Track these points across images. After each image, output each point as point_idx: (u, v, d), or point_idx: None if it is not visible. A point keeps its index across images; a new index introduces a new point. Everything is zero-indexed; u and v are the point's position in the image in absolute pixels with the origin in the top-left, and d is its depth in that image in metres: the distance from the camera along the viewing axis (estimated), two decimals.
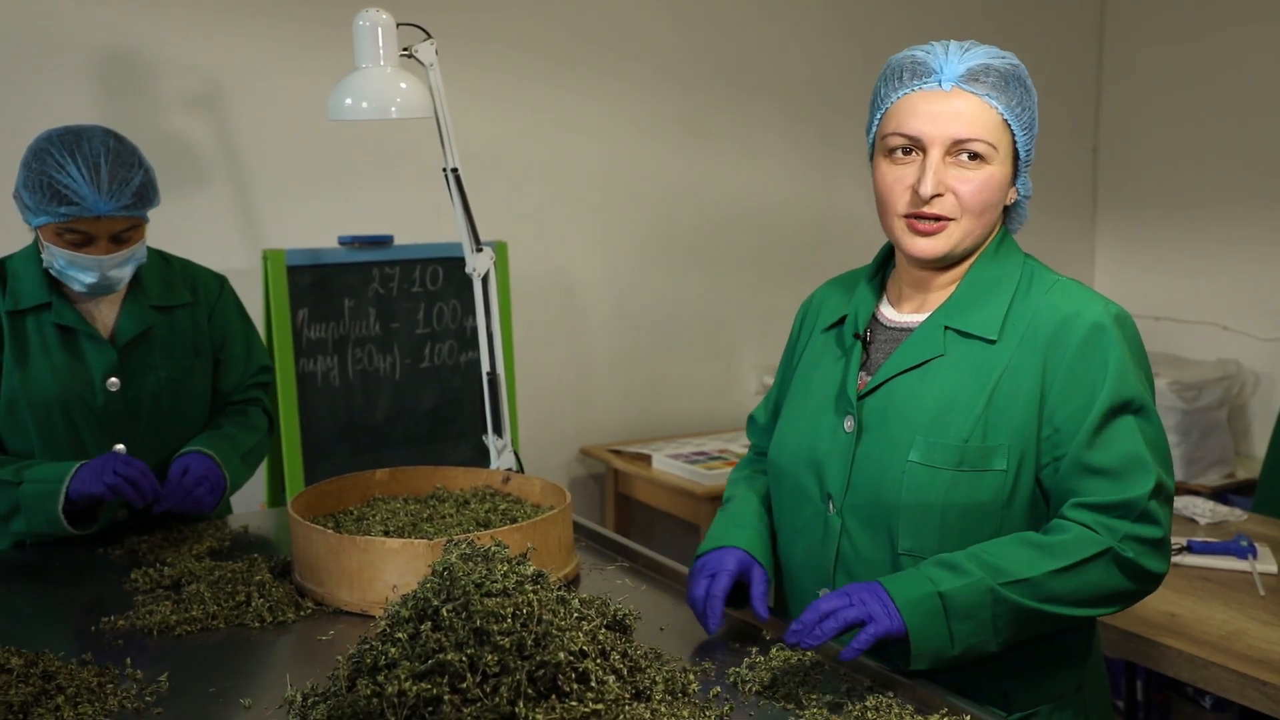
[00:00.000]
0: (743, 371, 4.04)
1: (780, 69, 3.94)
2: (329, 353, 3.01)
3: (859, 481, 1.50)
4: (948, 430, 1.44)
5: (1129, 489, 1.39)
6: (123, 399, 2.12)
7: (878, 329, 1.58)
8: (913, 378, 1.49)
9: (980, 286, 1.50)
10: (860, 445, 1.50)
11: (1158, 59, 4.39)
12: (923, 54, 1.48)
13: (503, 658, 1.20)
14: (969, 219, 1.46)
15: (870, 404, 1.51)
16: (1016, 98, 1.45)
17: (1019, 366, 1.44)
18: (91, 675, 1.46)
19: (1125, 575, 1.40)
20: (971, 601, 1.36)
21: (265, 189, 3.20)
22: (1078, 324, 1.43)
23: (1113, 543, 1.38)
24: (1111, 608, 1.44)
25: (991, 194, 1.46)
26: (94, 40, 2.96)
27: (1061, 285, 1.50)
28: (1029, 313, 1.47)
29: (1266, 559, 2.30)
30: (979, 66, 1.45)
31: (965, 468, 1.43)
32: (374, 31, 2.20)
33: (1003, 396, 1.44)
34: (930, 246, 1.48)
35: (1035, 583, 1.37)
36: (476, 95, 3.40)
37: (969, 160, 1.44)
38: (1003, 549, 1.40)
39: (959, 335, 1.49)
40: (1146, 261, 4.41)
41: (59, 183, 1.95)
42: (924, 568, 1.40)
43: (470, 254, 2.32)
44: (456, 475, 2.10)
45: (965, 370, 1.46)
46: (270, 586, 1.75)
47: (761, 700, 1.40)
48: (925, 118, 1.44)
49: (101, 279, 2.03)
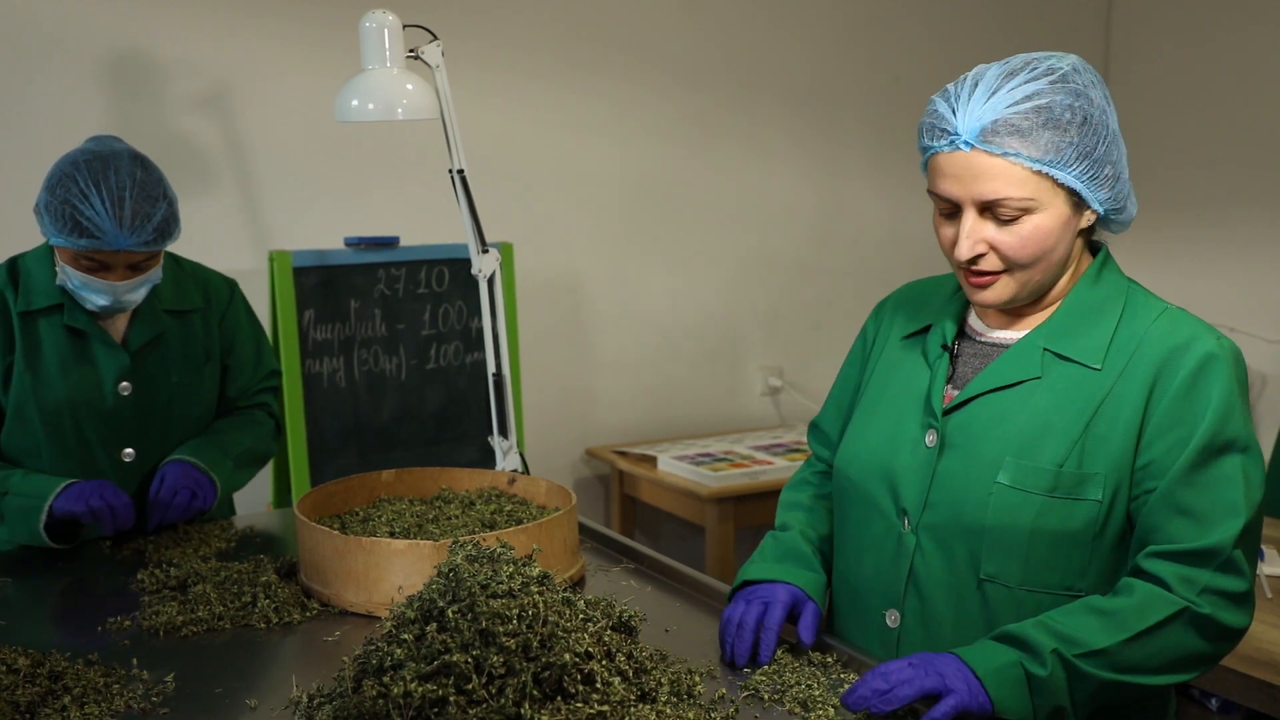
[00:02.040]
0: (749, 373, 4.04)
1: (788, 69, 3.93)
2: (335, 354, 3.01)
3: (939, 499, 1.43)
4: (1041, 454, 1.38)
5: (1213, 533, 1.31)
6: (133, 403, 2.12)
7: (965, 342, 1.51)
8: (1005, 397, 1.42)
9: (1082, 310, 1.44)
10: (942, 461, 1.44)
11: (1164, 61, 4.38)
12: (943, 106, 1.39)
13: (508, 659, 1.20)
14: (1022, 271, 1.39)
15: (956, 419, 1.45)
16: (1047, 139, 1.33)
17: (1122, 395, 1.37)
18: (98, 675, 1.46)
19: (1202, 635, 1.32)
20: (1048, 675, 1.28)
21: (271, 190, 3.20)
22: (1189, 354, 1.36)
23: (1189, 599, 1.30)
24: (1191, 673, 1.35)
25: (1042, 242, 1.37)
26: (101, 41, 2.97)
27: (1170, 313, 1.43)
28: (1134, 340, 1.40)
29: (1274, 562, 2.30)
30: (997, 122, 1.34)
31: (1059, 494, 1.37)
32: (380, 33, 2.21)
33: (1103, 424, 1.37)
34: (990, 296, 1.42)
35: (1110, 653, 1.29)
36: (483, 96, 3.40)
37: (1009, 215, 1.36)
38: (1071, 618, 1.32)
39: (1058, 358, 1.42)
40: (1153, 263, 4.40)
41: (81, 214, 1.93)
42: (995, 641, 1.32)
43: (476, 255, 2.32)
44: (462, 476, 2.10)
45: (1063, 394, 1.40)
46: (276, 587, 1.75)
47: (767, 702, 1.39)
48: (951, 180, 1.38)
49: (115, 302, 2.04)
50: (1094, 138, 1.36)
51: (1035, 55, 1.40)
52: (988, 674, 1.28)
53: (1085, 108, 1.36)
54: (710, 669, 1.48)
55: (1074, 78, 1.37)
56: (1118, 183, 1.41)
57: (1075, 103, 1.35)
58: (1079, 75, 1.38)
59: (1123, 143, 1.43)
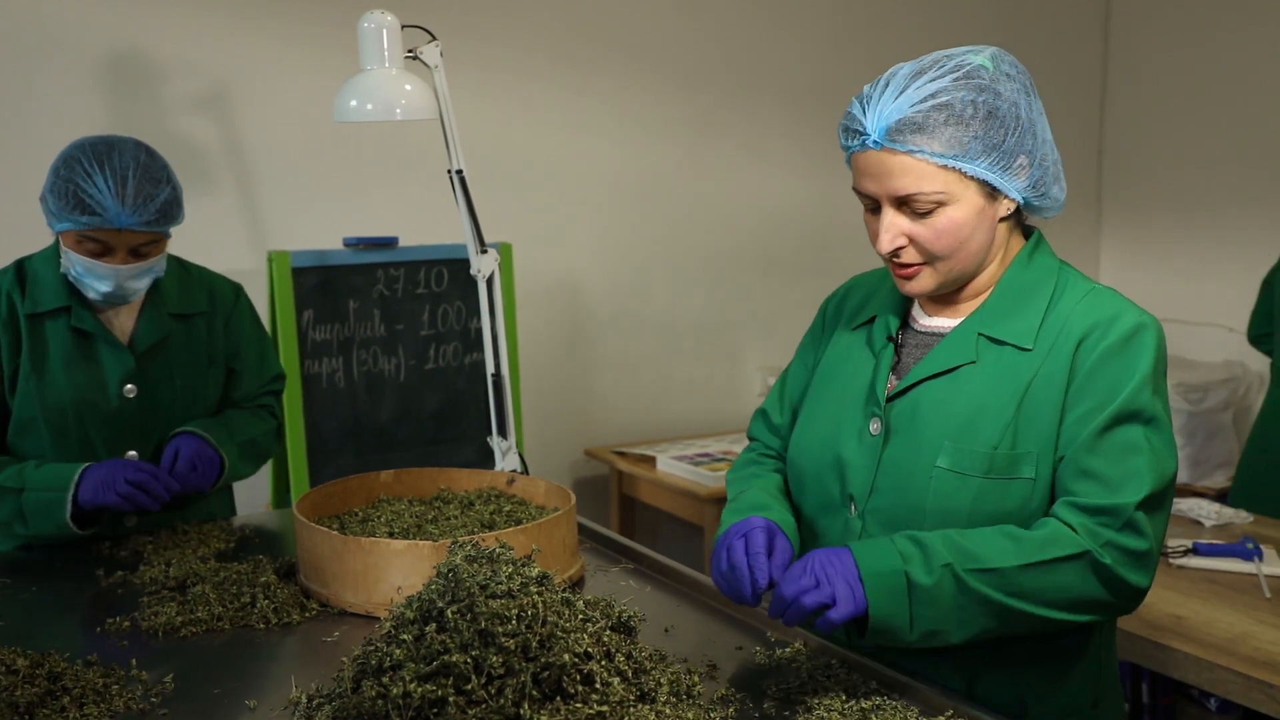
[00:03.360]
0: (747, 373, 4.04)
1: (786, 70, 3.94)
2: (334, 354, 3.01)
3: (884, 485, 1.48)
4: (977, 437, 1.42)
5: (1119, 495, 1.36)
6: (138, 406, 2.12)
7: (908, 333, 1.56)
8: (943, 383, 1.47)
9: (1014, 294, 1.48)
10: (887, 449, 1.48)
11: (1163, 61, 4.38)
12: (856, 107, 1.45)
13: (507, 659, 1.20)
14: (942, 261, 1.45)
15: (898, 407, 1.49)
16: (950, 135, 1.38)
17: (1049, 373, 1.42)
18: (97, 676, 1.46)
19: (1101, 583, 1.36)
20: (933, 584, 1.34)
21: (270, 190, 3.20)
22: (1111, 329, 1.41)
23: (1092, 547, 1.35)
24: (1083, 616, 1.39)
25: (957, 233, 1.42)
26: (100, 42, 2.97)
27: (1096, 292, 1.47)
28: (1061, 320, 1.44)
29: (1273, 561, 2.30)
30: (901, 120, 1.39)
31: (994, 475, 1.41)
32: (379, 33, 2.21)
33: (1032, 404, 1.41)
34: (915, 286, 1.48)
35: (1004, 574, 1.34)
36: (481, 97, 3.40)
37: (923, 209, 1.41)
38: (980, 535, 1.37)
39: (992, 342, 1.46)
40: (1151, 263, 4.40)
41: (84, 191, 1.95)
42: (898, 540, 1.38)
43: (475, 255, 2.32)
44: (461, 477, 2.10)
45: (997, 377, 1.44)
46: (275, 588, 1.75)
47: (766, 702, 1.39)
48: (868, 178, 1.44)
49: (117, 289, 2.03)
50: (1001, 130, 1.40)
51: (951, 51, 1.45)
52: (869, 575, 1.34)
53: (991, 102, 1.40)
54: (710, 669, 1.48)
55: (981, 73, 1.41)
56: (1036, 171, 1.44)
57: (979, 98, 1.39)
58: (988, 70, 1.41)
59: (1044, 131, 1.46)
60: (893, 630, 1.35)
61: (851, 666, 1.48)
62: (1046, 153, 1.46)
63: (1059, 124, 1.55)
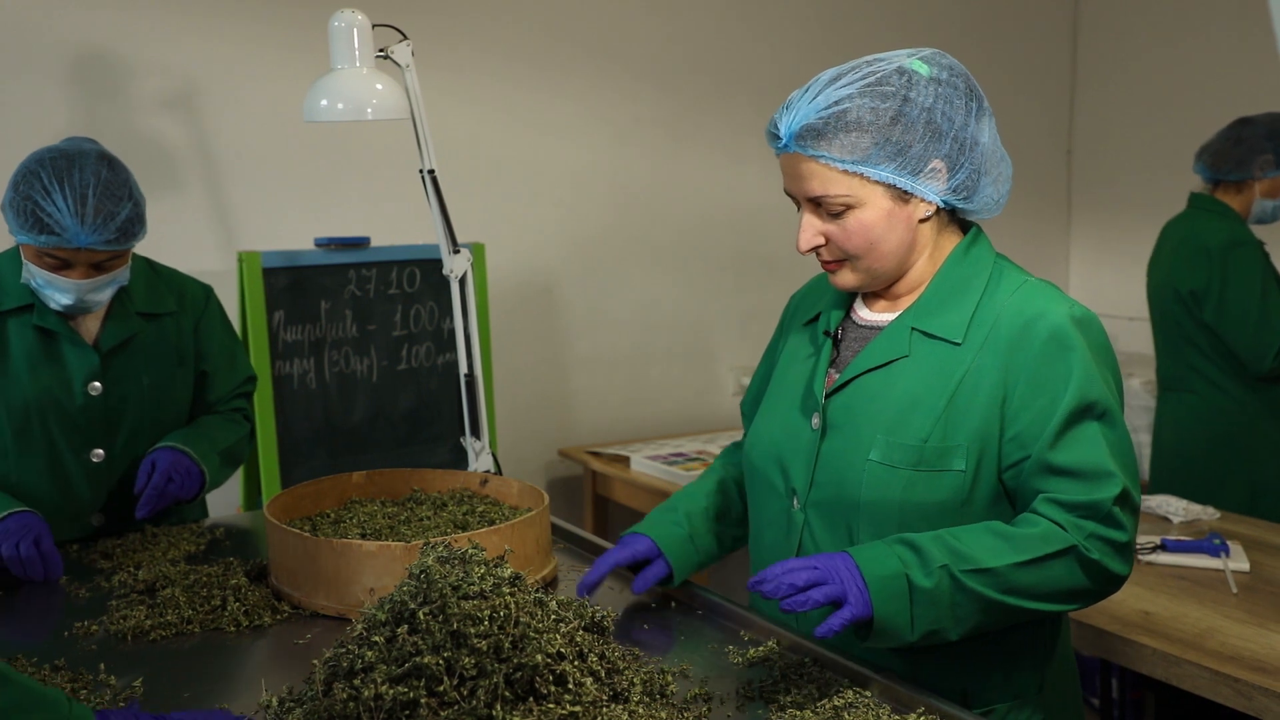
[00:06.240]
0: (721, 373, 4.05)
1: (759, 71, 3.94)
2: (305, 355, 3.00)
3: (822, 479, 1.51)
4: (908, 430, 1.45)
5: (1095, 491, 1.39)
6: (103, 404, 2.10)
7: (850, 327, 1.59)
8: (878, 377, 1.50)
9: (948, 288, 1.51)
10: (825, 443, 1.52)
11: (1132, 62, 4.42)
12: (779, 112, 1.49)
13: (480, 660, 1.20)
14: (858, 260, 1.49)
15: (836, 402, 1.52)
16: (849, 141, 1.42)
17: (981, 367, 1.45)
18: (65, 681, 1.45)
19: (1087, 575, 1.40)
20: (933, 587, 1.36)
21: (240, 191, 3.18)
22: (1041, 326, 1.43)
23: (1078, 541, 1.38)
24: (1071, 605, 1.43)
25: (866, 234, 1.46)
26: (66, 41, 2.94)
27: (1028, 286, 1.50)
28: (993, 314, 1.47)
29: (1239, 557, 2.32)
30: (805, 126, 1.44)
31: (923, 468, 1.44)
32: (349, 33, 2.20)
33: (963, 397, 1.44)
34: (840, 281, 1.53)
35: (998, 573, 1.37)
36: (453, 97, 3.39)
37: (834, 210, 1.47)
38: (970, 535, 1.40)
39: (924, 336, 1.49)
40: (1121, 262, 4.43)
41: (43, 209, 1.91)
42: (892, 544, 1.39)
43: (447, 255, 2.32)
44: (434, 478, 2.09)
45: (929, 371, 1.47)
46: (246, 590, 1.74)
47: (739, 701, 1.40)
48: (786, 178, 1.50)
49: (78, 302, 2.01)
50: (909, 135, 1.42)
51: (884, 55, 1.47)
52: (873, 580, 1.36)
53: (897, 108, 1.42)
54: (683, 668, 1.48)
55: (893, 79, 1.43)
56: (961, 174, 1.46)
57: (883, 105, 1.42)
58: (901, 76, 1.44)
59: (982, 133, 1.47)
60: (895, 631, 1.37)
61: (825, 664, 1.48)
62: (980, 155, 1.47)
63: (1028, 124, 1.57)
